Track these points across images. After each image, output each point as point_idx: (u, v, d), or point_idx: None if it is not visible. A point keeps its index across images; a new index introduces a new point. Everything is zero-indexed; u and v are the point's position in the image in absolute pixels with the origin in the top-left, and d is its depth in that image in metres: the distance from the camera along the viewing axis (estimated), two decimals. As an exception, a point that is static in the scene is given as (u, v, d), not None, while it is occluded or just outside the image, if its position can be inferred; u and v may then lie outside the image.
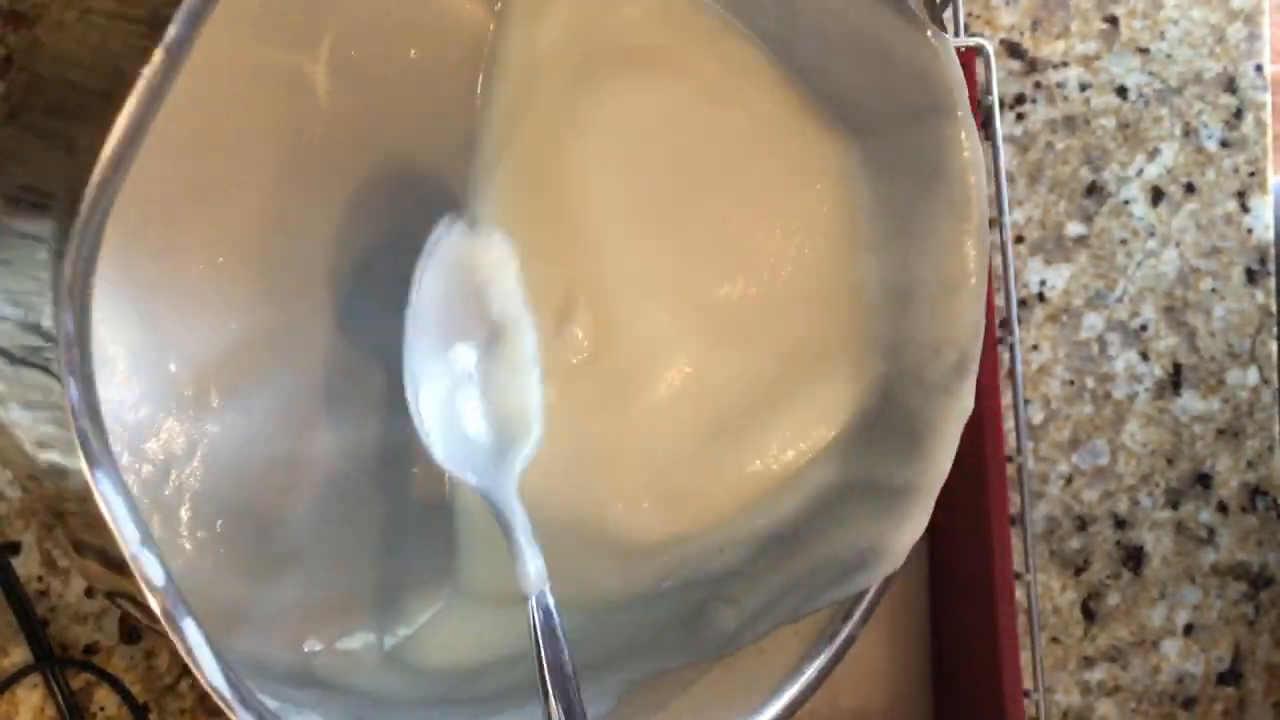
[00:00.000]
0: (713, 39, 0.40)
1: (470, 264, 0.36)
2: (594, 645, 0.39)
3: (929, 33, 0.36)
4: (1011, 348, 0.45)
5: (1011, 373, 0.45)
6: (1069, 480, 0.52)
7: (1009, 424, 0.47)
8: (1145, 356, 0.52)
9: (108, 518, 0.26)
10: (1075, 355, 0.52)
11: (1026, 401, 0.51)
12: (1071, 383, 0.52)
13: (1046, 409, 0.51)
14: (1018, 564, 0.45)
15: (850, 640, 0.40)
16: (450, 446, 0.35)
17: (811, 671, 0.40)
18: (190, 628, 0.28)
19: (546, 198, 0.41)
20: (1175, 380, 0.52)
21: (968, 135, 0.37)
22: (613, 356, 0.41)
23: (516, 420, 0.37)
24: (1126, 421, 0.52)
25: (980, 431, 0.44)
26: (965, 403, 0.38)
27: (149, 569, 0.27)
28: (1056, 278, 0.51)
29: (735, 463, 0.42)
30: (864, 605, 0.40)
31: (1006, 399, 0.45)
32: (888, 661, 0.50)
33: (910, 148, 0.38)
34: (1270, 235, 0.53)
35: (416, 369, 0.35)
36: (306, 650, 0.39)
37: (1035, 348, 0.51)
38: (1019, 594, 0.46)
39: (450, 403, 0.36)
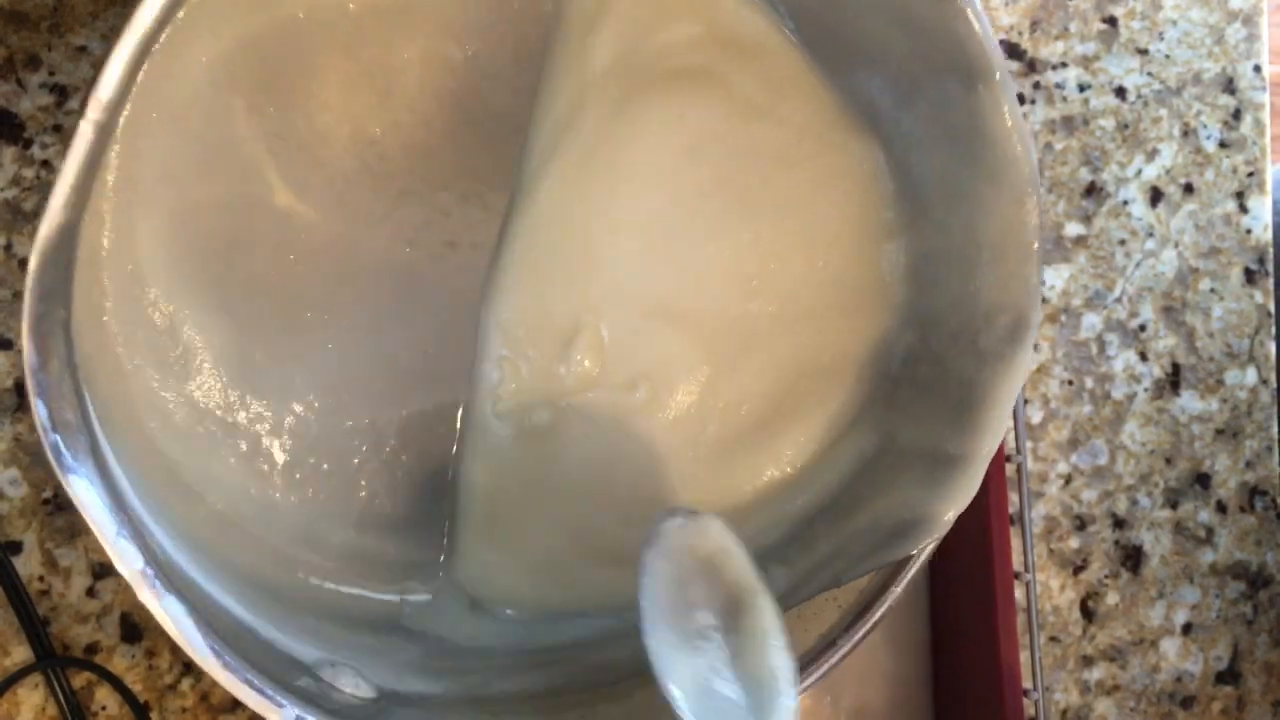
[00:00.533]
0: (754, 53, 0.40)
1: (693, 547, 0.38)
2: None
3: None
4: (1011, 348, 0.45)
5: (1011, 373, 0.45)
6: (1068, 480, 0.52)
7: (1008, 423, 0.47)
8: (1144, 356, 0.52)
9: (86, 518, 0.30)
10: (1074, 355, 0.52)
11: (1026, 401, 0.51)
12: (1070, 383, 0.52)
13: (1046, 409, 0.52)
14: (1017, 563, 0.45)
15: (889, 611, 0.40)
16: (707, 714, 0.35)
17: (846, 646, 0.39)
18: (172, 605, 0.31)
19: (577, 219, 0.41)
20: (1174, 380, 0.52)
21: (1006, 98, 0.36)
22: (618, 382, 0.42)
23: (768, 684, 0.36)
24: (1125, 421, 0.52)
25: (980, 431, 0.44)
26: (1020, 369, 0.37)
27: (127, 556, 0.31)
28: (1056, 278, 0.52)
29: (749, 474, 0.42)
30: (908, 574, 0.40)
31: (1006, 399, 0.45)
32: (888, 661, 0.50)
33: (946, 114, 0.38)
34: (1269, 235, 0.53)
35: (660, 649, 0.35)
36: (399, 600, 0.41)
37: (1034, 348, 0.51)
38: (1018, 593, 0.46)
39: (699, 674, 0.36)
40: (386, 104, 0.41)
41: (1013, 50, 0.51)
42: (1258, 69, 0.53)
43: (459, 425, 0.42)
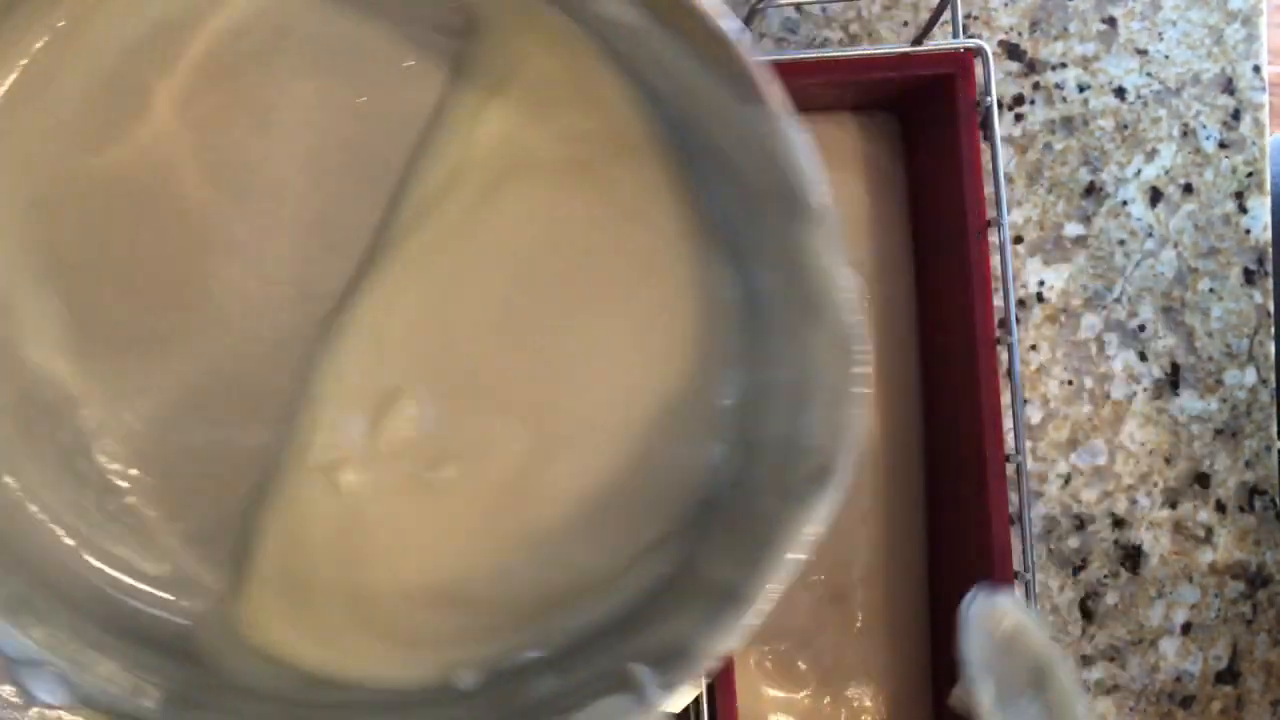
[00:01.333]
0: (636, 156, 0.40)
1: (995, 623, 0.40)
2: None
3: (781, 122, 0.33)
4: (1010, 348, 0.45)
5: (1010, 373, 0.45)
6: (1067, 480, 0.52)
7: (1007, 424, 0.47)
8: (1143, 356, 0.52)
9: None
10: (1073, 355, 0.52)
11: (1025, 401, 0.51)
12: (1070, 383, 0.52)
13: (1045, 409, 0.52)
14: (1016, 563, 0.45)
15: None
16: None
17: None
18: None
19: (427, 291, 0.41)
20: (1173, 380, 0.52)
21: (826, 236, 0.34)
22: (427, 457, 0.41)
23: None
24: (1125, 421, 0.52)
25: (980, 431, 0.44)
26: (815, 517, 0.34)
27: None
28: (1055, 278, 0.52)
29: (538, 579, 0.41)
30: None
31: (1005, 399, 0.45)
32: (887, 661, 0.50)
33: (778, 243, 0.36)
34: (1268, 236, 0.53)
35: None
36: (190, 623, 0.40)
37: (1034, 348, 0.52)
38: (1018, 593, 0.46)
39: None
40: (263, 136, 0.40)
41: (1012, 50, 0.51)
42: (1257, 69, 0.53)
43: (270, 469, 0.41)
